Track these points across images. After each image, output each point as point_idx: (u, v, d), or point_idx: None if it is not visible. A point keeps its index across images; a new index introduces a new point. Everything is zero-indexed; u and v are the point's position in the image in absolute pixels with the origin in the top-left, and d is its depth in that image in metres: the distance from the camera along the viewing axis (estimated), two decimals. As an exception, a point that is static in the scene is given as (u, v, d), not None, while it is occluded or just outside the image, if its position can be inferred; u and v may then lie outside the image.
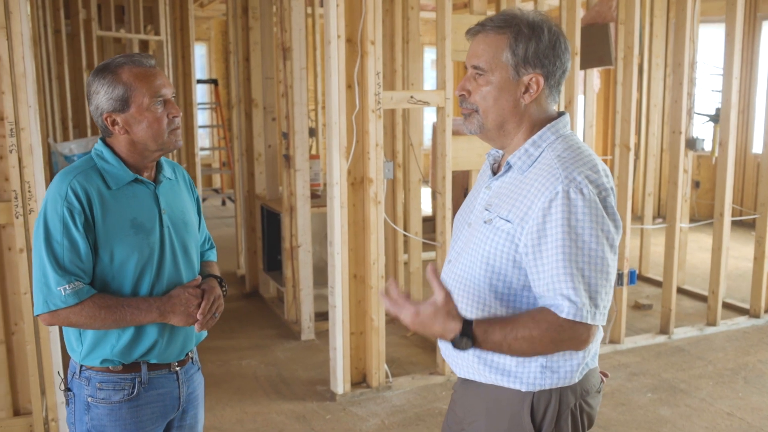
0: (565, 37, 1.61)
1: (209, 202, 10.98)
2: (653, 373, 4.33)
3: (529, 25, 1.57)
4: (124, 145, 1.89)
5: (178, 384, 2.00)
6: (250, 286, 6.07)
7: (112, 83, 1.83)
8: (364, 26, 3.74)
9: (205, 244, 2.22)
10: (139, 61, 1.87)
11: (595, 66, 5.47)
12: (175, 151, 8.40)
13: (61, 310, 1.79)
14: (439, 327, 1.52)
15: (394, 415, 3.79)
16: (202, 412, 2.16)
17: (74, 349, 1.91)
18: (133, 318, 1.83)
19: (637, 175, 7.71)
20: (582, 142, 1.64)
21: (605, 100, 9.60)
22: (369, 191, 3.88)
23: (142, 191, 1.91)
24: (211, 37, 11.65)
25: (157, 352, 1.92)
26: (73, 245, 1.79)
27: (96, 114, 1.88)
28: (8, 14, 3.13)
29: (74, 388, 1.93)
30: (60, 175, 1.84)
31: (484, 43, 1.60)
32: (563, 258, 1.49)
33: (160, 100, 1.87)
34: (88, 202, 1.80)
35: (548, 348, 1.53)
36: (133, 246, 1.85)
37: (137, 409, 1.92)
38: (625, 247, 4.65)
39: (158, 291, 1.91)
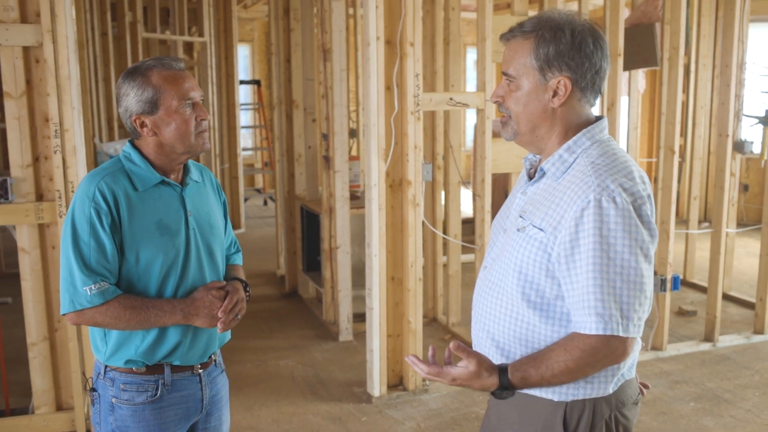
0: (599, 36, 1.57)
1: (251, 202, 11.09)
2: (697, 381, 4.23)
3: (551, 27, 1.54)
4: (152, 147, 1.91)
5: (201, 386, 2.01)
6: (289, 287, 6.10)
7: (141, 86, 1.85)
8: (404, 28, 3.73)
9: (231, 247, 2.23)
10: (168, 64, 1.89)
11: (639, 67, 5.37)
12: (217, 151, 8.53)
13: (87, 310, 1.81)
14: (478, 386, 1.59)
15: (431, 419, 3.77)
16: (227, 414, 2.17)
17: (99, 349, 1.93)
18: (157, 319, 1.85)
19: (683, 178, 7.55)
20: (618, 148, 1.60)
21: (651, 101, 9.43)
22: (407, 193, 3.86)
23: (168, 193, 1.93)
24: (254, 38, 11.76)
25: (180, 353, 1.93)
26: (100, 245, 1.80)
27: (125, 116, 1.90)
28: (54, 18, 3.19)
29: (99, 388, 1.95)
30: (88, 176, 1.87)
31: (513, 49, 1.59)
32: (593, 269, 1.46)
33: (189, 102, 1.88)
34: (115, 204, 1.82)
35: (588, 371, 1.53)
36: (159, 248, 1.87)
37: (161, 410, 1.93)
38: (668, 252, 4.55)
39: (183, 293, 1.92)
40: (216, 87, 8.41)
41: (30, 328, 3.41)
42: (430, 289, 5.32)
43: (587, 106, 1.61)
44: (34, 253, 3.36)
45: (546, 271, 1.54)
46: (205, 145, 1.95)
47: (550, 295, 1.55)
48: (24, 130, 3.27)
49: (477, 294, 1.72)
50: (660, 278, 4.52)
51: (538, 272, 1.55)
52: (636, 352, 1.64)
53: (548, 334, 1.57)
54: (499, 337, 1.64)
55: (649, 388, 1.79)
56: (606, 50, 1.57)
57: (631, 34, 5.03)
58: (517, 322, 1.59)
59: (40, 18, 3.19)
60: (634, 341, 1.52)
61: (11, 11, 3.17)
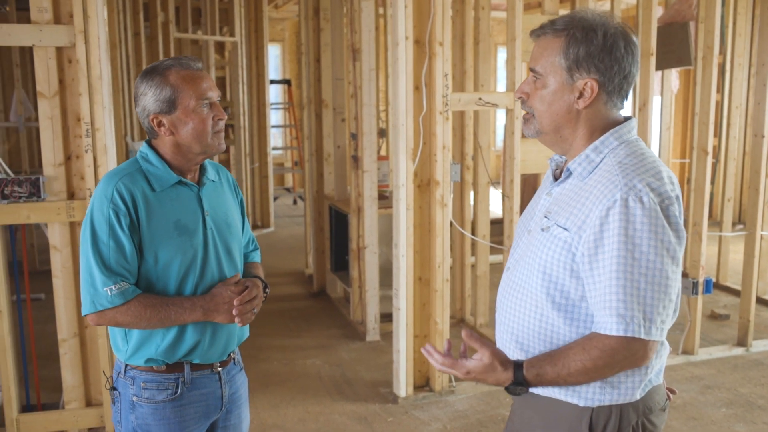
0: (631, 40, 1.53)
1: (281, 200, 11.14)
2: (729, 386, 4.16)
3: (584, 27, 1.51)
4: (168, 147, 1.91)
5: (221, 384, 2.02)
6: (317, 286, 6.12)
7: (159, 85, 1.86)
8: (432, 27, 3.71)
9: (249, 245, 2.24)
10: (186, 63, 1.89)
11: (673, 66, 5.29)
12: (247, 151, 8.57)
13: (108, 310, 1.82)
14: (492, 380, 1.58)
15: (456, 420, 3.75)
16: (247, 412, 2.18)
17: (120, 348, 1.94)
18: (177, 317, 1.86)
19: (717, 179, 7.43)
20: (647, 149, 1.57)
21: (684, 101, 9.29)
22: (435, 194, 3.85)
23: (185, 193, 1.93)
24: (285, 38, 11.81)
25: (199, 352, 1.94)
26: (119, 246, 1.81)
27: (142, 115, 1.91)
28: (86, 19, 3.23)
29: (119, 387, 1.96)
30: (106, 177, 1.88)
31: (542, 46, 1.56)
32: (617, 269, 1.44)
33: (206, 102, 1.89)
34: (133, 204, 1.83)
35: (606, 373, 1.50)
36: (177, 247, 1.88)
37: (181, 408, 1.94)
38: (701, 254, 4.47)
39: (202, 291, 1.93)
40: (246, 87, 8.46)
41: (61, 325, 3.46)
42: (458, 289, 5.29)
43: (614, 110, 1.58)
44: (65, 250, 3.40)
45: (570, 272, 1.52)
46: (221, 145, 1.95)
47: (574, 296, 1.53)
48: (56, 129, 3.31)
49: (501, 295, 1.71)
50: (692, 281, 4.45)
51: (562, 272, 1.53)
52: (664, 357, 1.61)
53: (572, 336, 1.55)
54: (522, 339, 1.62)
55: (677, 393, 1.75)
56: (637, 55, 1.54)
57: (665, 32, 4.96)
58: (541, 323, 1.57)
59: (72, 19, 3.23)
60: (656, 345, 1.49)
61: (45, 13, 3.21)
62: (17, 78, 6.67)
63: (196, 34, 8.18)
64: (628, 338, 1.45)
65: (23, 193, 3.29)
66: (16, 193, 3.28)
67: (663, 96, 5.98)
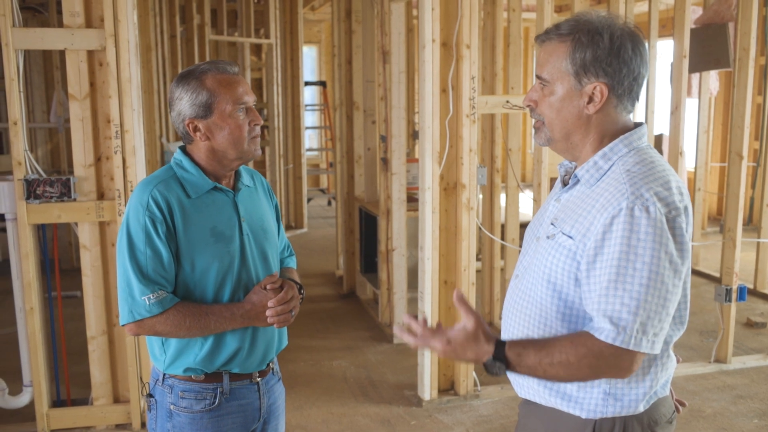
0: (638, 41, 1.50)
1: (315, 201, 11.20)
2: (762, 397, 4.06)
3: (589, 31, 1.48)
4: (204, 152, 1.89)
5: (259, 395, 1.99)
6: (347, 287, 6.14)
7: (196, 89, 1.83)
8: (460, 30, 3.70)
9: (285, 251, 2.21)
10: (223, 68, 1.87)
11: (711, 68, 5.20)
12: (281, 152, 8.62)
13: (147, 320, 1.80)
14: (472, 353, 1.49)
15: (480, 425, 3.73)
16: (283, 423, 2.15)
17: (158, 357, 1.92)
18: (217, 325, 1.84)
19: (757, 184, 7.26)
20: (657, 156, 1.53)
21: (725, 104, 9.10)
22: (461, 197, 3.83)
23: (221, 199, 1.91)
24: (321, 39, 11.88)
25: (238, 361, 1.91)
26: (156, 254, 1.80)
27: (177, 120, 1.88)
28: (117, 23, 3.30)
29: (157, 395, 1.94)
30: (141, 184, 1.86)
31: (547, 52, 1.53)
32: (616, 278, 1.41)
33: (242, 107, 1.86)
34: (169, 212, 1.81)
35: (586, 375, 1.46)
36: (214, 254, 1.85)
37: (219, 419, 1.92)
38: (734, 261, 4.38)
39: (239, 297, 1.90)
40: (281, 88, 8.53)
41: (90, 323, 3.53)
42: (486, 293, 5.26)
43: (624, 113, 1.55)
44: (94, 249, 3.48)
45: (575, 281, 1.49)
46: (257, 151, 1.92)
47: (580, 307, 1.50)
48: (87, 131, 3.39)
49: (507, 303, 1.68)
50: (725, 288, 4.36)
51: (567, 281, 1.51)
52: (671, 369, 1.57)
53: None
54: None
55: (686, 405, 1.71)
56: (645, 56, 1.51)
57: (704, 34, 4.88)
58: (545, 332, 1.55)
59: (103, 23, 3.30)
60: (642, 357, 1.46)
61: (77, 17, 3.28)
62: (57, 80, 6.82)
63: (232, 36, 8.26)
64: (617, 347, 1.42)
65: (54, 193, 3.36)
66: (48, 193, 3.36)
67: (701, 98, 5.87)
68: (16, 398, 3.70)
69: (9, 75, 3.24)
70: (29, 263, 3.42)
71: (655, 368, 1.53)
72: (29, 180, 3.34)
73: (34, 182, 3.35)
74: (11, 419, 3.75)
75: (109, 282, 3.53)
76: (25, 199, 3.34)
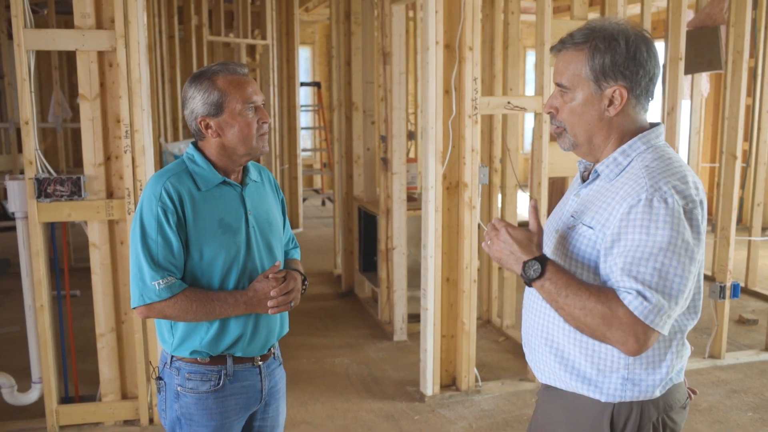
0: (651, 43, 1.59)
1: (309, 202, 11.25)
2: (756, 391, 4.16)
3: (605, 38, 1.57)
4: (214, 148, 2.00)
5: (261, 378, 2.10)
6: (345, 286, 6.20)
7: (208, 89, 1.95)
8: (463, 32, 3.77)
9: (289, 243, 2.32)
10: (233, 69, 1.98)
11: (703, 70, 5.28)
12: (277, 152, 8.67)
13: (156, 304, 1.91)
14: (521, 249, 1.59)
15: (482, 420, 3.80)
16: (284, 406, 2.27)
17: (166, 340, 2.04)
18: (222, 310, 1.95)
19: (747, 184, 7.38)
20: (674, 153, 1.62)
21: (715, 105, 9.23)
22: (464, 196, 3.90)
23: (229, 193, 2.02)
24: (315, 40, 11.93)
25: (241, 345, 2.02)
26: (167, 242, 1.90)
27: (190, 118, 2.00)
28: (127, 24, 3.35)
29: (165, 377, 2.06)
30: (154, 177, 1.97)
31: (565, 60, 1.62)
32: (632, 260, 1.48)
33: (252, 106, 1.98)
34: (180, 203, 1.92)
35: (591, 326, 1.51)
36: (221, 245, 1.96)
37: (223, 399, 2.03)
38: (728, 259, 4.48)
39: (243, 286, 2.01)
40: (277, 89, 8.58)
41: (99, 320, 3.58)
42: (485, 291, 5.34)
43: (642, 113, 1.64)
44: (103, 248, 3.52)
45: (595, 270, 1.57)
46: (265, 147, 2.04)
47: None
48: (97, 130, 3.44)
49: (528, 294, 1.76)
50: (719, 285, 4.46)
51: (587, 271, 1.58)
52: (685, 357, 1.65)
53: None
54: (552, 338, 1.67)
55: (697, 393, 1.79)
56: (658, 57, 1.60)
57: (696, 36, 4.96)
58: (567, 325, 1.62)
59: (114, 24, 3.35)
60: (656, 337, 1.50)
61: (88, 18, 3.33)
62: (55, 80, 6.85)
63: (229, 37, 8.31)
64: (639, 320, 1.47)
65: (65, 191, 3.41)
66: (58, 191, 3.40)
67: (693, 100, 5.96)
68: (25, 395, 3.74)
69: (21, 75, 3.29)
70: (39, 261, 3.46)
71: (671, 355, 1.61)
72: (40, 179, 3.38)
73: (45, 181, 3.39)
74: (20, 415, 3.79)
75: (118, 280, 3.58)
76: (36, 198, 3.38)
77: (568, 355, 1.65)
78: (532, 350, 1.76)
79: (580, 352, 1.63)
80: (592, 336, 1.53)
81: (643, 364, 1.59)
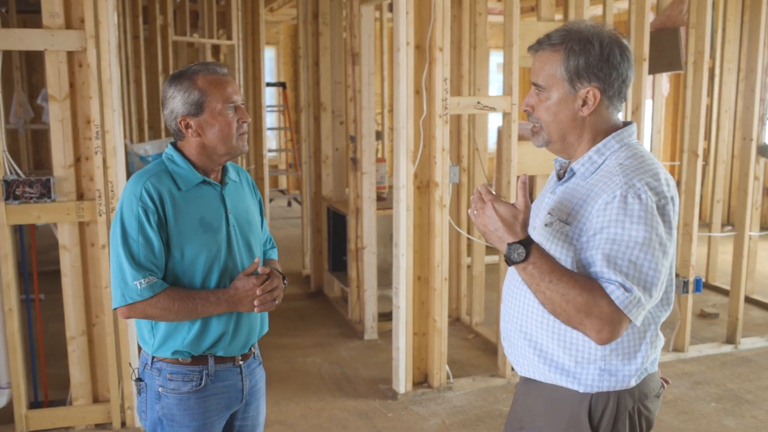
0: (625, 46, 1.65)
1: (275, 202, 11.21)
2: (718, 382, 4.28)
3: (580, 40, 1.62)
4: (194, 148, 2.01)
5: (242, 377, 2.12)
6: (314, 286, 6.20)
7: (188, 89, 1.96)
8: (433, 33, 3.81)
9: (267, 243, 2.34)
10: (213, 69, 2.00)
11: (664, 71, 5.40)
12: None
13: (138, 303, 1.92)
14: (506, 228, 1.57)
15: (455, 416, 3.85)
16: (264, 405, 2.28)
17: (147, 341, 2.04)
18: (204, 309, 1.96)
19: (706, 181, 7.57)
20: (647, 151, 1.68)
21: (674, 105, 9.43)
22: (435, 195, 3.95)
23: (209, 192, 2.03)
24: (280, 41, 11.89)
25: (223, 344, 2.03)
26: (148, 242, 1.91)
27: (170, 117, 2.00)
28: (97, 24, 3.32)
29: (146, 378, 2.06)
30: (134, 177, 1.98)
31: (542, 60, 1.67)
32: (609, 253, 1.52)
33: (232, 106, 1.99)
34: (161, 202, 1.93)
35: (569, 313, 1.52)
36: (202, 244, 1.98)
37: (204, 399, 2.04)
38: (691, 254, 4.60)
39: (225, 285, 2.03)
40: (243, 89, 8.54)
41: (69, 323, 3.54)
42: (454, 289, 5.39)
43: (614, 113, 1.70)
44: (74, 250, 3.49)
45: (572, 265, 1.62)
46: (245, 146, 2.06)
47: None
48: (67, 131, 3.40)
49: (506, 289, 1.81)
50: (682, 280, 4.57)
51: (564, 264, 1.63)
52: (659, 347, 1.72)
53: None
54: (529, 331, 1.72)
55: (670, 383, 1.86)
56: (631, 60, 1.66)
57: (656, 38, 5.08)
58: (545, 314, 1.67)
59: (84, 24, 3.32)
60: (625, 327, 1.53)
61: (57, 18, 3.30)
62: (17, 81, 6.74)
63: (194, 38, 8.25)
64: (620, 310, 1.50)
65: (34, 193, 3.37)
66: (27, 193, 3.36)
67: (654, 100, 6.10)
68: (-6, 400, 3.68)
69: (-12, 76, 3.24)
70: (8, 264, 3.42)
71: (646, 346, 1.67)
72: (8, 181, 3.34)
73: (14, 183, 3.35)
74: (-12, 421, 3.73)
75: (89, 282, 3.55)
76: (4, 200, 3.34)
77: (546, 348, 1.70)
78: (511, 344, 1.80)
79: (558, 344, 1.68)
80: (568, 322, 1.54)
81: (619, 355, 1.64)
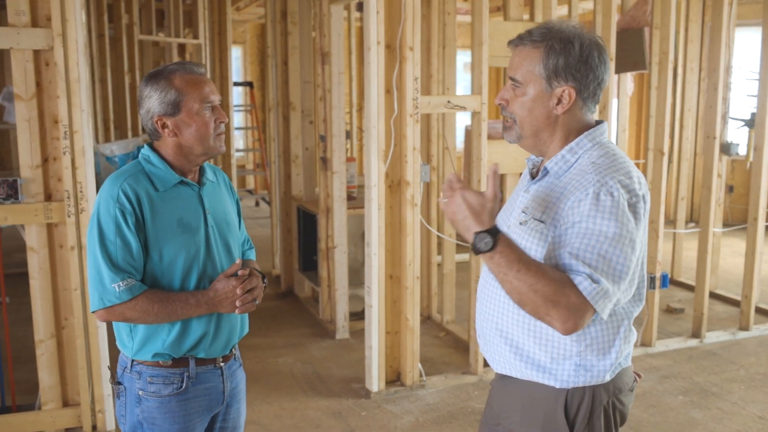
0: (603, 50, 1.67)
1: (243, 202, 11.15)
2: (685, 376, 4.36)
3: (561, 39, 1.64)
4: (171, 148, 1.99)
5: (223, 379, 2.10)
6: (285, 286, 6.18)
7: (165, 88, 1.93)
8: (403, 33, 3.83)
9: (245, 244, 2.33)
10: (190, 68, 1.98)
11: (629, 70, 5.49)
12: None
13: (116, 306, 1.89)
14: (473, 217, 1.57)
15: (428, 413, 3.88)
16: (245, 407, 2.27)
17: (126, 345, 2.01)
18: (183, 311, 1.93)
19: (670, 179, 7.70)
20: (618, 150, 1.71)
21: (638, 104, 9.59)
22: (406, 194, 3.97)
23: (187, 193, 2.01)
24: (246, 40, 11.81)
25: (204, 346, 2.01)
26: (126, 244, 1.89)
27: (146, 117, 1.97)
28: (65, 22, 3.27)
29: (125, 381, 2.02)
30: (111, 178, 1.95)
31: (521, 56, 1.69)
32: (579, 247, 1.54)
33: (209, 105, 1.97)
34: (138, 204, 1.90)
35: (536, 303, 1.52)
36: (181, 244, 1.96)
37: (186, 402, 2.02)
38: (657, 250, 4.68)
39: (204, 286, 2.01)
40: (210, 89, 8.47)
41: (38, 326, 3.48)
42: (424, 287, 5.42)
43: (588, 114, 1.72)
44: (42, 252, 3.43)
45: (547, 261, 1.64)
46: (222, 147, 2.03)
47: None
48: (34, 131, 3.34)
49: (481, 287, 1.82)
50: (649, 276, 4.65)
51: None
52: (632, 342, 1.75)
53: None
54: (505, 328, 1.74)
55: (642, 377, 1.90)
56: (608, 64, 1.69)
57: (621, 38, 5.15)
58: (521, 312, 1.69)
59: (50, 22, 3.27)
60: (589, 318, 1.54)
61: (23, 16, 3.24)
62: (-22, 80, 6.61)
63: (159, 37, 8.16)
64: (587, 301, 1.52)
65: (0, 195, 3.31)
66: (-6, 195, 3.30)
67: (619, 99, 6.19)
68: (-40, 405, 3.62)
69: (-48, 75, 3.17)
70: (-26, 267, 3.36)
71: (620, 341, 1.70)
72: (-26, 182, 3.28)
73: (-21, 184, 3.29)
74: (-46, 427, 3.66)
75: (58, 284, 3.49)
76: (-31, 202, 3.28)
77: (522, 345, 1.72)
78: (487, 341, 1.82)
79: (533, 341, 1.70)
80: (534, 312, 1.54)
81: (594, 351, 1.67)
